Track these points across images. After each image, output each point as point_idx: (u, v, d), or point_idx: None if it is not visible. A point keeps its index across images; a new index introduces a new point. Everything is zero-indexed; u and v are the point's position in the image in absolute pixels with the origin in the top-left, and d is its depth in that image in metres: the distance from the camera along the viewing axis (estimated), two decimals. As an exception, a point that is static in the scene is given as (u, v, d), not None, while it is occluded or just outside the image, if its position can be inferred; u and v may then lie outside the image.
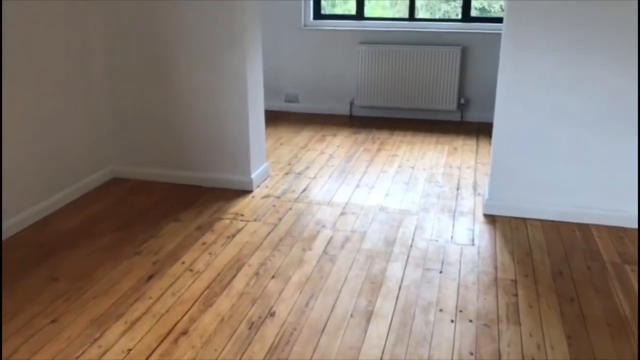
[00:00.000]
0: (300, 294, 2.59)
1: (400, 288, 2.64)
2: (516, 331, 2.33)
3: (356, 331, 2.32)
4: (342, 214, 3.44)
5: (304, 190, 3.79)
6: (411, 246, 3.03)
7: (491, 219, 3.35)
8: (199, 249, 3.00)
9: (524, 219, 3.33)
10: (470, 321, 2.39)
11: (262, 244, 3.06)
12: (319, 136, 5.01)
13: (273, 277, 2.73)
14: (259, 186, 3.84)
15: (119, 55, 3.72)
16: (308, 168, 4.22)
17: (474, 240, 3.10)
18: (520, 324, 2.37)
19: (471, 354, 2.19)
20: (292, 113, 5.76)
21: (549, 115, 3.17)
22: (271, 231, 3.20)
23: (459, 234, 3.17)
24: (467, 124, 5.39)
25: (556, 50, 3.06)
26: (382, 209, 3.51)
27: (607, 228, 3.20)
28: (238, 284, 2.67)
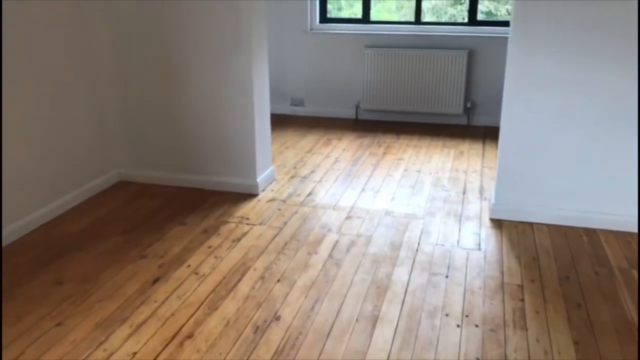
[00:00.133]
0: (306, 298, 2.58)
1: (406, 292, 2.63)
2: (523, 336, 2.31)
3: (362, 336, 2.32)
4: (348, 217, 3.43)
5: (310, 194, 3.79)
6: (417, 250, 3.02)
7: (497, 223, 3.34)
8: (204, 252, 3.00)
9: (531, 224, 3.31)
10: (477, 326, 2.38)
11: (267, 247, 3.05)
12: (325, 140, 5.01)
13: (278, 280, 2.73)
14: (264, 190, 3.84)
15: (125, 59, 3.73)
16: (313, 172, 4.22)
17: (480, 245, 3.09)
18: (527, 329, 2.36)
19: (477, 359, 2.18)
20: (297, 117, 5.77)
21: (555, 119, 3.15)
22: (277, 235, 3.20)
23: (465, 239, 3.16)
24: (474, 127, 5.37)
25: (563, 54, 3.04)
26: (388, 213, 3.50)
27: (615, 233, 3.18)
28: (243, 287, 2.67)
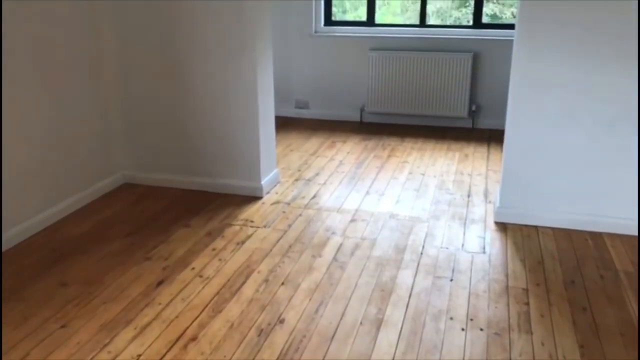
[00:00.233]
0: (310, 301, 2.58)
1: (410, 296, 2.62)
2: (528, 340, 2.30)
3: (366, 339, 2.31)
4: (352, 220, 3.43)
5: (314, 197, 3.79)
6: (421, 254, 3.02)
7: (502, 226, 3.33)
8: (208, 254, 3.00)
9: (536, 227, 3.30)
10: (481, 330, 2.37)
11: (271, 250, 3.05)
12: (329, 142, 5.01)
13: (283, 283, 2.73)
14: (268, 192, 3.84)
15: (130, 61, 3.74)
16: (318, 174, 4.22)
17: (485, 248, 3.08)
18: (531, 332, 2.35)
19: (482, 363, 2.17)
20: (302, 119, 5.77)
21: (561, 122, 3.14)
22: (281, 237, 3.20)
23: (469, 242, 3.15)
24: (478, 130, 5.36)
25: (568, 57, 3.04)
26: (393, 216, 3.49)
27: (620, 236, 3.17)
28: (248, 290, 2.67)
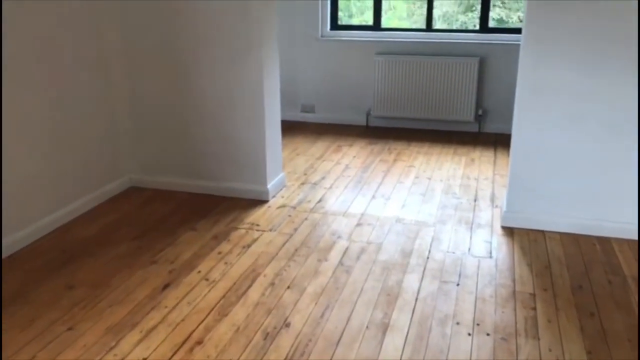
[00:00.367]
0: (316, 305, 2.58)
1: (416, 300, 2.61)
2: (535, 345, 2.29)
3: (372, 343, 2.30)
4: (358, 224, 3.42)
5: (320, 201, 3.79)
6: (428, 258, 3.01)
7: (509, 231, 3.32)
8: (214, 258, 3.01)
9: (543, 232, 3.29)
10: (488, 335, 2.36)
11: (277, 254, 3.05)
12: (335, 146, 5.01)
13: (288, 287, 2.72)
14: (274, 196, 3.84)
15: (137, 65, 3.75)
16: (324, 178, 4.21)
17: (491, 253, 3.07)
18: (539, 338, 2.34)
19: (489, 368, 2.16)
20: (308, 123, 5.78)
21: (567, 126, 3.13)
22: (287, 241, 3.20)
23: (476, 246, 3.14)
24: (485, 135, 5.35)
25: (575, 61, 3.03)
26: (399, 220, 3.49)
27: (628, 241, 3.15)
28: (253, 294, 2.67)
